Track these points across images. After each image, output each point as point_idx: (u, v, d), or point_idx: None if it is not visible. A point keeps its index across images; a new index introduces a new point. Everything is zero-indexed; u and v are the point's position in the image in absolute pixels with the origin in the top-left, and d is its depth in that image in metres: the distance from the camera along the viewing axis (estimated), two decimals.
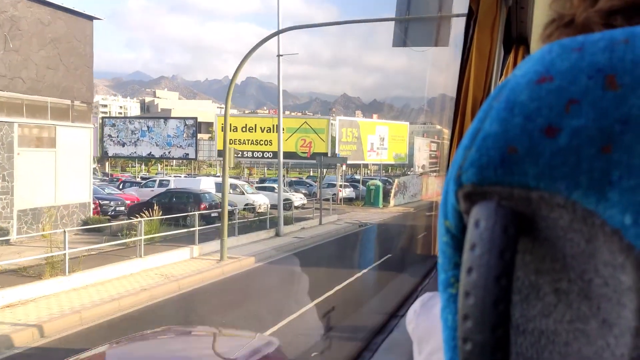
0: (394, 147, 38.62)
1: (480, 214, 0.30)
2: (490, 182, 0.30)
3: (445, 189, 0.33)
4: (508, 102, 0.30)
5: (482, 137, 0.30)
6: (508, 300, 0.28)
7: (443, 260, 0.35)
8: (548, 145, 0.28)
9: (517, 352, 0.31)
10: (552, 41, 0.32)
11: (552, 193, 0.28)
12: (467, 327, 0.29)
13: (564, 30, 0.40)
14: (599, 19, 0.38)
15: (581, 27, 0.39)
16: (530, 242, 0.31)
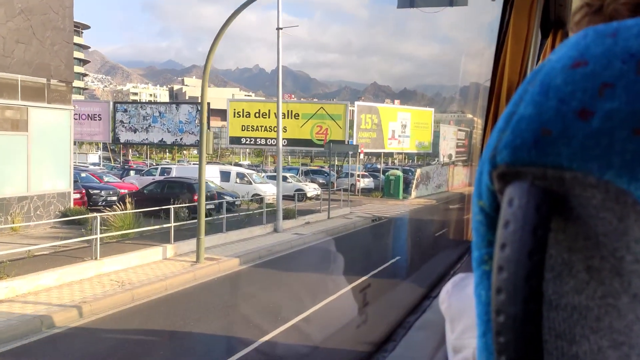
0: (417, 134, 36.13)
1: (514, 193, 0.31)
2: (524, 163, 0.31)
3: (479, 169, 0.34)
4: (543, 85, 0.31)
5: (516, 119, 0.31)
6: (540, 275, 0.30)
7: (477, 239, 0.36)
8: (581, 128, 0.29)
9: (550, 326, 0.32)
10: (581, 28, 0.34)
11: (585, 173, 0.29)
12: (500, 299, 0.30)
13: (592, 17, 0.42)
14: (626, 10, 0.39)
15: (609, 17, 0.40)
16: (563, 221, 0.32)
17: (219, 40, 11.73)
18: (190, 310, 9.09)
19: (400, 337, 2.42)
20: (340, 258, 14.69)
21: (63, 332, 7.74)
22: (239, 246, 14.34)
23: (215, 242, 14.33)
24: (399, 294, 10.88)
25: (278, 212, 17.26)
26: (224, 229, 14.99)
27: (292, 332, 8.11)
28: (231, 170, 27.17)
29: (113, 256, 11.10)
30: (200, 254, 11.99)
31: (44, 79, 15.35)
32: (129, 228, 13.53)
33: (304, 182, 30.83)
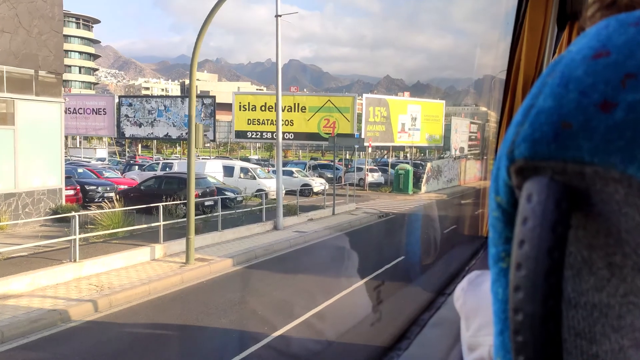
0: (428, 128, 35.06)
1: (532, 189, 0.30)
2: (543, 157, 0.30)
3: (496, 165, 0.33)
4: (563, 77, 0.30)
5: (535, 112, 0.31)
6: (560, 273, 0.29)
7: (494, 235, 0.35)
8: (603, 120, 0.28)
9: (570, 325, 0.31)
10: (594, 22, 0.33)
11: (607, 167, 0.28)
12: (518, 298, 0.29)
13: (606, 11, 0.40)
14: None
15: (624, 8, 0.38)
16: (583, 217, 0.31)
17: (206, 28, 10.92)
18: (171, 317, 8.33)
19: (414, 334, 2.34)
20: (341, 257, 13.86)
21: (17, 347, 7.00)
22: (235, 245, 13.58)
23: (210, 241, 13.59)
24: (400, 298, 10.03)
25: (278, 209, 16.47)
26: (219, 227, 14.21)
27: (278, 344, 7.32)
28: (235, 165, 26.44)
29: (94, 258, 10.39)
30: (190, 255, 11.23)
31: (32, 70, 14.67)
32: (118, 227, 12.83)
33: (310, 177, 30.02)
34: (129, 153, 51.88)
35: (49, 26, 15.09)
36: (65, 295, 8.66)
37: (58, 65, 15.55)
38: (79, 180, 18.99)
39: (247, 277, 10.96)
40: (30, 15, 14.52)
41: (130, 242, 12.40)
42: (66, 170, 20.19)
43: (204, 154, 63.25)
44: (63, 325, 7.69)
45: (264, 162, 43.35)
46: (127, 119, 37.81)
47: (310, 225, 17.35)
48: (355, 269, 12.14)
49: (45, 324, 7.57)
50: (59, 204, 15.70)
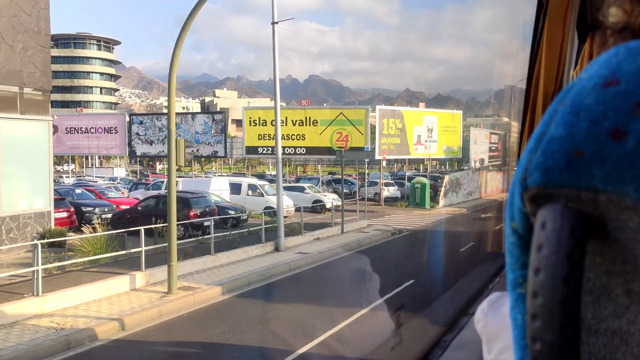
0: (445, 139, 33.63)
1: (546, 216, 0.30)
2: (556, 185, 0.30)
3: (511, 191, 0.33)
4: (574, 105, 0.30)
5: (547, 140, 0.31)
6: (577, 301, 0.29)
7: (510, 261, 0.35)
8: (615, 149, 0.28)
9: (590, 352, 0.31)
10: (608, 49, 0.33)
11: (621, 195, 0.28)
12: (536, 326, 0.29)
13: (618, 36, 0.40)
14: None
15: (638, 33, 0.38)
16: (600, 243, 0.30)
17: (184, 35, 9.93)
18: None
19: (437, 356, 2.31)
20: (344, 282, 12.62)
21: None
22: (229, 270, 12.46)
23: (201, 267, 12.51)
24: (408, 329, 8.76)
25: (279, 229, 15.33)
26: (212, 250, 13.11)
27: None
28: (242, 182, 25.48)
29: (62, 290, 9.38)
30: (172, 284, 10.15)
31: (16, 87, 13.93)
32: (99, 252, 11.84)
33: (323, 193, 28.89)
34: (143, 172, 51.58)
35: (34, 41, 14.39)
36: (16, 339, 7.62)
37: (45, 82, 14.81)
38: (75, 202, 18.21)
39: (234, 308, 9.80)
40: (14, 29, 13.83)
41: (111, 269, 11.38)
42: (63, 191, 19.50)
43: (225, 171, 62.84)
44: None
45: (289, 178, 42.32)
46: (138, 137, 37.33)
47: (316, 246, 16.15)
48: (359, 295, 10.90)
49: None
50: (48, 227, 14.84)
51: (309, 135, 32.44)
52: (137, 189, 26.65)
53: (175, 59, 10.00)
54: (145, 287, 10.73)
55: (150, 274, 11.02)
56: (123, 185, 31.33)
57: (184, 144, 10.53)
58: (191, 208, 16.90)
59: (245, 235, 16.14)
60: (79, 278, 10.59)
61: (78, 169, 55.40)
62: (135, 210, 17.69)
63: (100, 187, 25.41)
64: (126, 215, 17.33)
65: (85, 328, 8.16)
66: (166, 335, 8.36)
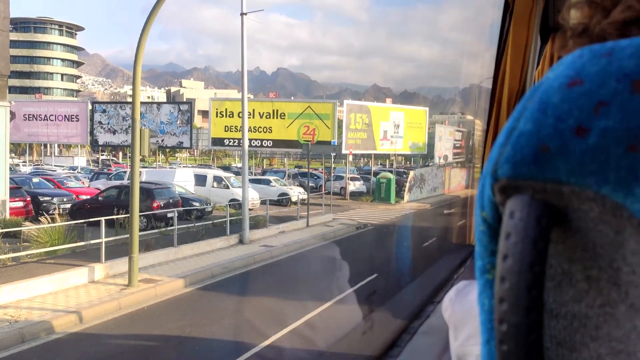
0: (411, 135, 34.03)
1: (515, 206, 0.32)
2: (524, 177, 0.32)
3: (481, 182, 0.35)
4: (541, 103, 0.32)
5: (516, 135, 0.33)
6: (541, 285, 0.31)
7: (480, 248, 0.37)
8: (578, 144, 0.30)
9: (551, 334, 0.33)
10: (568, 51, 0.35)
11: (583, 187, 0.30)
12: (502, 309, 0.31)
13: (577, 40, 0.41)
14: (614, 29, 0.39)
15: (596, 37, 0.40)
16: (562, 232, 0.33)
17: (150, 24, 9.69)
18: (91, 358, 7.03)
19: (405, 342, 2.33)
20: (308, 275, 12.64)
21: None
22: (192, 263, 12.29)
23: (164, 259, 12.30)
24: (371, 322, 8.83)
25: (244, 221, 15.20)
26: (175, 242, 12.90)
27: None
28: (207, 173, 25.13)
29: (15, 282, 9.06)
30: (133, 276, 9.94)
31: None
32: (57, 243, 11.48)
33: (289, 186, 28.79)
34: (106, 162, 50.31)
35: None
36: None
37: (2, 66, 14.24)
38: (32, 191, 17.60)
39: (197, 301, 9.68)
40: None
41: (69, 261, 11.06)
42: (19, 180, 18.83)
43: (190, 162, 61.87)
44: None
45: None
46: (101, 125, 36.39)
47: (281, 239, 16.10)
48: (322, 289, 10.91)
49: None
50: (2, 217, 14.31)
51: (276, 128, 32.29)
52: (98, 179, 25.97)
53: (141, 47, 9.75)
54: (105, 279, 10.48)
55: (110, 266, 10.76)
56: (84, 174, 30.47)
57: (149, 133, 10.31)
58: (154, 199, 16.58)
59: (209, 227, 15.94)
60: (35, 270, 10.25)
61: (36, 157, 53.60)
62: (96, 200, 17.23)
63: (60, 176, 24.66)
64: (86, 206, 16.86)
65: (40, 321, 7.91)
66: (126, 329, 8.19)
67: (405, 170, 37.64)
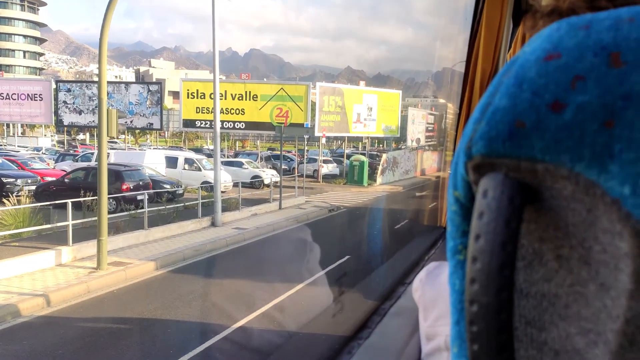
0: (384, 118, 34.13)
1: (488, 184, 0.31)
2: (498, 155, 0.31)
3: (454, 160, 0.35)
4: (517, 77, 0.32)
5: (491, 111, 0.32)
6: (513, 265, 0.30)
7: (452, 229, 0.36)
8: (554, 120, 0.30)
9: (520, 314, 0.33)
10: (537, 31, 0.35)
11: (557, 165, 0.30)
12: (473, 289, 0.31)
13: (547, 19, 0.41)
14: (583, 3, 0.38)
15: (566, 14, 0.39)
16: (535, 211, 0.32)
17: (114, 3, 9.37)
18: (58, 341, 6.90)
19: (375, 324, 2.32)
20: (280, 258, 12.65)
21: None
22: (163, 245, 12.15)
23: (134, 242, 12.12)
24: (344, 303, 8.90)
25: (216, 204, 15.07)
26: (146, 225, 12.72)
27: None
28: (178, 155, 24.76)
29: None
30: (102, 259, 9.77)
31: None
32: (22, 226, 11.18)
33: (261, 169, 28.64)
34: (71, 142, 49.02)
35: None
36: None
37: None
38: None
39: (167, 284, 9.58)
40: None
41: (35, 244, 10.80)
42: None
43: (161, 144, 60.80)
44: None
45: None
46: (66, 105, 35.35)
47: (253, 221, 16.04)
48: (294, 271, 10.93)
49: None
50: None
51: (248, 110, 31.94)
52: (64, 160, 25.32)
53: (106, 23, 9.44)
54: (73, 262, 10.27)
55: (77, 249, 10.55)
56: (49, 156, 29.65)
57: (117, 114, 10.04)
58: (124, 181, 16.27)
59: (180, 210, 15.77)
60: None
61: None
62: (62, 182, 16.79)
63: (23, 157, 23.94)
64: (52, 188, 16.43)
65: (6, 304, 7.71)
66: (95, 312, 8.06)
67: (378, 153, 37.83)
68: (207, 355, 6.47)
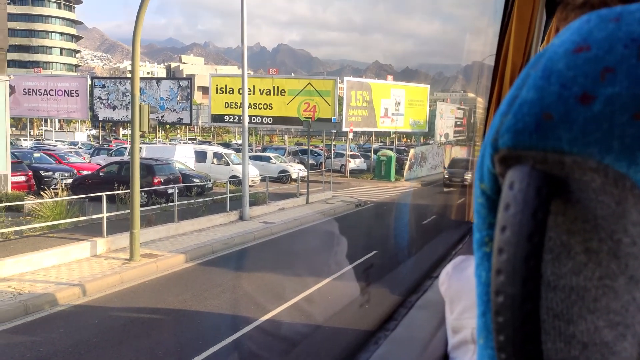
0: (412, 112, 33.89)
1: (514, 177, 0.31)
2: (525, 147, 0.31)
3: (481, 152, 0.35)
4: (545, 70, 0.31)
5: (518, 103, 0.32)
6: (539, 257, 0.30)
7: (478, 221, 0.36)
8: (582, 112, 0.30)
9: (548, 307, 0.33)
10: (568, 23, 0.35)
11: (585, 157, 0.30)
12: (499, 280, 0.31)
13: (578, 11, 0.41)
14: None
15: (598, 6, 0.39)
16: (562, 204, 0.32)
17: (146, 4, 9.58)
18: (91, 330, 7.16)
19: (401, 316, 2.36)
20: (308, 252, 12.77)
21: None
22: (192, 238, 12.40)
23: (164, 234, 12.41)
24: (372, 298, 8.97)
25: (244, 198, 15.28)
26: (176, 218, 13.00)
27: None
28: (207, 150, 25.13)
29: (19, 255, 9.16)
30: (134, 251, 10.05)
31: None
32: (60, 218, 11.57)
33: (289, 163, 28.82)
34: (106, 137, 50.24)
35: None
36: None
37: (1, 39, 14.12)
38: (33, 166, 17.65)
39: (197, 276, 9.80)
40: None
41: (71, 235, 11.17)
42: (20, 154, 18.87)
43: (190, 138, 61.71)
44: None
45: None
46: (101, 101, 36.23)
47: (280, 216, 16.21)
48: (321, 265, 11.04)
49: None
50: (4, 191, 14.37)
51: (276, 105, 32.16)
52: (99, 155, 26.00)
53: (139, 21, 9.67)
54: (107, 253, 10.59)
55: (111, 240, 10.87)
56: (84, 150, 30.49)
57: (148, 109, 10.29)
58: (155, 175, 16.63)
59: (209, 203, 16.03)
60: (38, 243, 10.36)
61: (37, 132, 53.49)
62: (97, 176, 17.28)
63: (61, 151, 24.68)
64: (87, 181, 16.92)
65: (44, 293, 8.02)
66: (128, 302, 8.32)
67: (405, 148, 37.62)
68: (236, 346, 6.62)
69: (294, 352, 7.07)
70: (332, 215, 17.29)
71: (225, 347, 6.50)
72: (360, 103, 31.54)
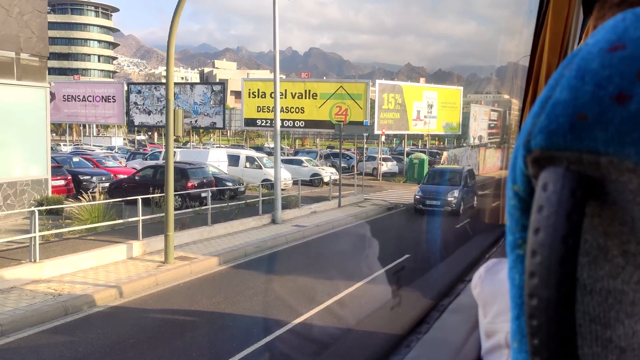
0: (445, 115, 33.48)
1: (548, 178, 0.31)
2: (558, 148, 0.31)
3: (514, 154, 0.34)
4: (579, 70, 0.31)
5: (552, 104, 0.31)
6: (574, 259, 0.30)
7: (511, 223, 0.36)
8: (618, 112, 0.29)
9: (584, 310, 0.32)
10: (602, 22, 0.34)
11: (622, 158, 0.29)
12: (533, 283, 0.30)
13: (616, 9, 0.41)
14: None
15: (636, 4, 0.38)
16: (599, 205, 0.31)
17: (182, 3, 9.75)
18: (130, 330, 7.31)
19: (434, 319, 2.37)
20: (340, 256, 12.73)
21: None
22: (225, 241, 12.54)
23: (198, 237, 12.58)
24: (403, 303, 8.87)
25: (276, 201, 15.35)
26: (209, 222, 13.17)
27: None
28: (240, 153, 25.41)
29: (59, 257, 9.44)
30: (169, 254, 10.22)
31: (12, 52, 13.76)
32: (97, 221, 11.87)
33: (320, 167, 28.86)
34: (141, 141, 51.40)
35: (31, 5, 14.14)
36: (14, 303, 7.70)
37: (42, 47, 14.62)
38: (72, 170, 18.19)
39: (230, 279, 9.89)
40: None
41: (109, 238, 11.44)
42: (60, 159, 19.46)
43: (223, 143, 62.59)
44: None
45: None
46: (136, 106, 37.07)
47: (312, 219, 16.23)
48: (353, 268, 10.99)
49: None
50: (45, 195, 14.85)
51: (308, 109, 32.24)
52: (134, 159, 26.59)
53: (174, 27, 9.86)
54: (142, 256, 10.81)
55: (147, 243, 11.08)
56: (121, 154, 31.28)
57: (182, 114, 10.47)
58: (189, 179, 16.90)
59: (242, 207, 16.18)
60: (76, 245, 10.65)
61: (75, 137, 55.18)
62: (133, 179, 17.68)
63: (98, 155, 25.36)
64: (124, 185, 17.33)
65: (82, 294, 8.24)
66: (163, 303, 8.46)
67: (438, 151, 37.18)
68: (269, 349, 6.65)
69: (325, 354, 7.06)
70: (364, 218, 17.22)
71: (258, 350, 6.53)
72: (392, 106, 31.34)
